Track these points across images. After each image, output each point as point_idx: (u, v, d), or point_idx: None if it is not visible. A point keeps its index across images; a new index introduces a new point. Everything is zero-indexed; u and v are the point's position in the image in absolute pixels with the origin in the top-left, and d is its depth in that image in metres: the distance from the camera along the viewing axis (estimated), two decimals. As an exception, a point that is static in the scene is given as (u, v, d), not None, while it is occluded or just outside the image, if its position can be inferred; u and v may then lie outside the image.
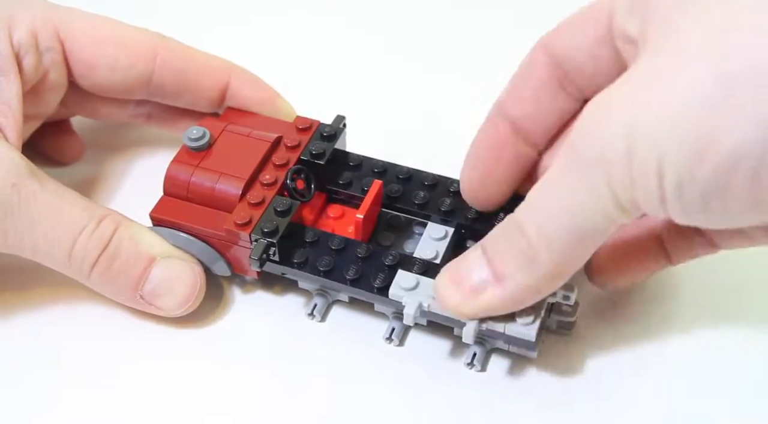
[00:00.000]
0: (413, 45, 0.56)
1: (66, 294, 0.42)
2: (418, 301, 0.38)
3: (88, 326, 0.42)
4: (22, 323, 0.42)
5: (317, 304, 0.42)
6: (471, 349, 0.40)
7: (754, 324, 0.41)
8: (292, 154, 0.43)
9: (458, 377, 0.40)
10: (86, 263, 0.39)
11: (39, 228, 0.38)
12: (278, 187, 0.41)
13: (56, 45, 0.43)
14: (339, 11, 0.58)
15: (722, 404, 0.38)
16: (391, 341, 0.41)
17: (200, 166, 0.42)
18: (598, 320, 0.41)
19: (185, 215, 0.41)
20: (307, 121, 0.44)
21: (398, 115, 0.51)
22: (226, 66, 0.45)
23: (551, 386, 0.39)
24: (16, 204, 0.38)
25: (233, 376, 0.40)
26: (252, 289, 0.43)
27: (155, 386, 0.40)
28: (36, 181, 0.39)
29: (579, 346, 0.40)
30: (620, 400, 0.39)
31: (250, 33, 0.56)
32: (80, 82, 0.44)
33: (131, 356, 0.41)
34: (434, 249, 0.41)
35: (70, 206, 0.39)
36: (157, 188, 0.42)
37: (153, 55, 0.44)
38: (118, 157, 0.49)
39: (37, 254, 0.39)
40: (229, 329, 0.42)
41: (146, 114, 0.48)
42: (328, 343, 0.41)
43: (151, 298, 0.40)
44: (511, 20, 0.57)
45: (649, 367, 0.40)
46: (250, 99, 0.45)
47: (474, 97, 0.52)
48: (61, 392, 0.40)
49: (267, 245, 0.39)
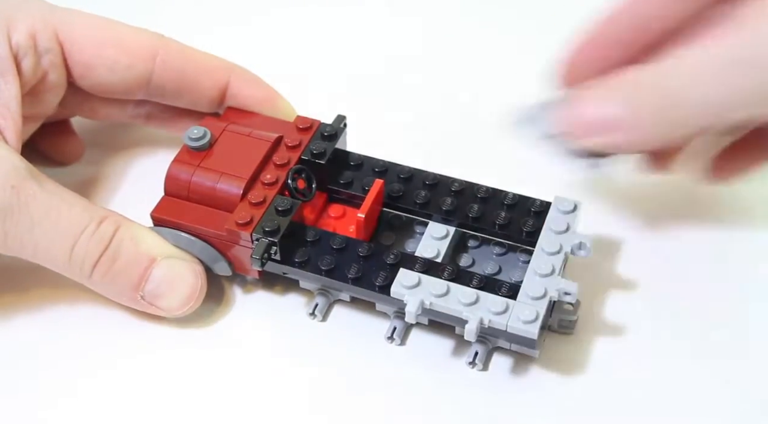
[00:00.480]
0: (413, 44, 0.56)
1: (66, 296, 0.42)
2: (420, 299, 0.38)
3: (88, 327, 0.42)
4: (21, 324, 0.42)
5: (318, 303, 0.42)
6: (473, 348, 0.40)
7: (758, 320, 0.41)
8: (292, 153, 0.43)
9: (460, 376, 0.40)
10: (87, 263, 0.39)
11: (39, 229, 0.38)
12: (279, 187, 0.41)
13: (55, 46, 0.43)
14: (339, 11, 0.58)
15: (725, 401, 0.38)
16: (392, 341, 0.41)
17: (201, 166, 0.42)
18: (598, 319, 0.41)
19: (186, 215, 0.41)
20: (307, 120, 0.44)
21: (399, 115, 0.51)
22: (226, 66, 0.45)
23: (553, 385, 0.39)
24: (16, 206, 0.38)
25: (235, 376, 0.40)
26: (253, 289, 0.43)
27: (156, 386, 0.40)
28: (35, 182, 0.39)
29: (580, 345, 0.40)
30: (622, 399, 0.39)
31: (250, 33, 0.56)
32: (79, 83, 0.44)
33: (132, 357, 0.41)
34: (435, 248, 0.41)
35: (70, 207, 0.39)
36: (156, 188, 0.42)
37: (152, 56, 0.44)
38: (117, 158, 0.49)
39: (37, 256, 0.39)
40: (230, 328, 0.42)
41: (146, 114, 0.47)
42: (330, 342, 0.41)
43: (152, 298, 0.40)
44: (511, 20, 0.57)
45: (651, 365, 0.40)
46: (250, 99, 0.45)
47: (475, 96, 0.52)
48: (62, 394, 0.40)
49: (268, 244, 0.39)
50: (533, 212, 0.41)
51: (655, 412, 0.38)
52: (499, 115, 0.42)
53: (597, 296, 0.42)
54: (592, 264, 0.42)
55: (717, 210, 0.46)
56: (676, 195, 0.46)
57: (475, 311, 0.37)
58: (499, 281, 0.39)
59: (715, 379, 0.39)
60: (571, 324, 0.40)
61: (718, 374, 0.39)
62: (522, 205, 0.42)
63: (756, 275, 0.43)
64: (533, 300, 0.38)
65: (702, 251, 0.44)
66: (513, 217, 0.41)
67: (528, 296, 0.38)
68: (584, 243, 0.40)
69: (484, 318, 0.37)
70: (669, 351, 0.40)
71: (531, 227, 0.41)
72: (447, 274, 0.39)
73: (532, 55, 0.54)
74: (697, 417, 0.38)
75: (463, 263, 0.42)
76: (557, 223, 0.40)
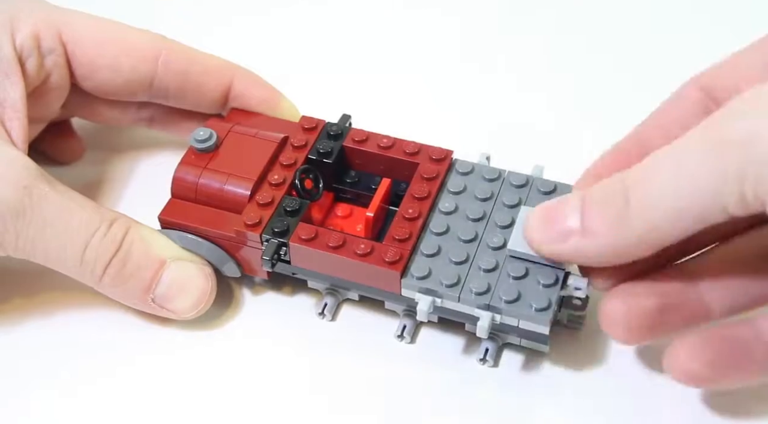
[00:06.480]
0: (413, 43, 0.56)
1: (75, 299, 0.42)
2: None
3: (97, 330, 0.41)
4: (32, 327, 0.41)
5: (327, 303, 0.42)
6: (483, 345, 0.40)
7: None
8: (299, 153, 0.43)
9: (471, 373, 0.40)
10: (98, 265, 0.39)
11: (50, 230, 0.38)
12: (287, 187, 0.41)
13: (58, 47, 0.42)
14: (339, 10, 0.58)
15: (734, 395, 0.39)
16: (402, 339, 0.41)
17: (208, 167, 0.42)
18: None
19: (194, 217, 0.41)
20: (313, 120, 0.44)
21: (402, 113, 0.51)
22: (229, 67, 0.45)
23: (564, 381, 0.39)
24: (28, 206, 0.38)
25: (246, 377, 0.40)
26: (262, 290, 0.43)
27: (167, 388, 0.40)
28: (47, 183, 0.38)
29: (590, 340, 0.41)
30: (633, 393, 0.39)
31: (252, 33, 0.56)
32: (82, 84, 0.44)
33: (141, 358, 0.41)
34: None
35: (81, 209, 0.39)
36: (160, 190, 0.42)
37: (155, 57, 0.44)
38: (120, 160, 0.49)
39: (48, 258, 0.39)
40: (240, 330, 0.42)
41: (148, 117, 0.47)
42: (340, 342, 0.41)
43: (163, 301, 0.40)
44: (512, 20, 0.58)
45: (660, 359, 0.40)
46: (254, 99, 0.45)
47: (476, 95, 0.52)
48: (73, 396, 0.39)
49: (278, 245, 0.39)
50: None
51: (667, 406, 0.39)
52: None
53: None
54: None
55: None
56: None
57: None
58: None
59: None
60: (580, 319, 0.41)
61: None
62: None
63: None
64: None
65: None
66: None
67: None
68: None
69: (495, 314, 0.37)
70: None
71: None
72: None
73: (532, 55, 0.55)
74: (708, 411, 0.38)
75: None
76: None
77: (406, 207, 0.40)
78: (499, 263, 0.38)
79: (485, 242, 0.39)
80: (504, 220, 0.40)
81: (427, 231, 0.40)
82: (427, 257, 0.39)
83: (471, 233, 0.39)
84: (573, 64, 0.54)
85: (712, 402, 0.39)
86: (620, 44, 0.55)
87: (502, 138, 0.49)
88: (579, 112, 0.51)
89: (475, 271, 0.38)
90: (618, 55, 0.54)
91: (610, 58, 0.54)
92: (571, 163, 0.42)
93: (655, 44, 0.54)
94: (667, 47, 0.54)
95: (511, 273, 0.38)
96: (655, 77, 0.52)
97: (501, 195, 0.41)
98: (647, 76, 0.52)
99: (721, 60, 0.38)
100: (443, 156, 0.42)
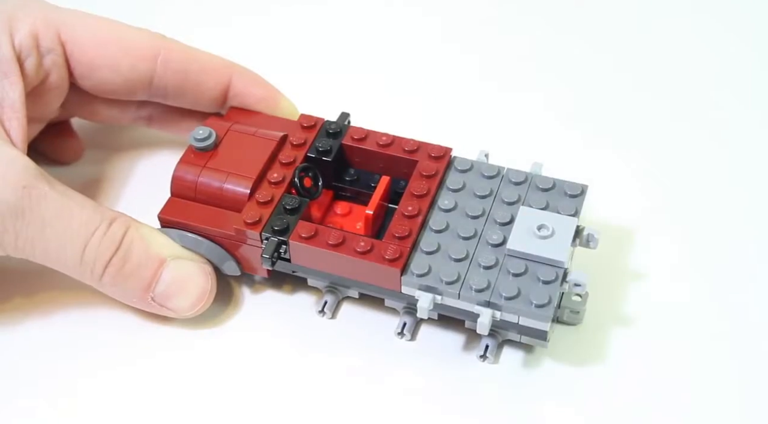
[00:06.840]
0: (413, 42, 0.56)
1: (74, 298, 0.42)
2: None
3: (97, 329, 0.41)
4: (32, 327, 0.41)
5: (327, 301, 0.42)
6: (483, 341, 0.40)
7: (761, 311, 0.42)
8: (298, 152, 0.43)
9: (471, 369, 0.40)
10: (98, 264, 0.39)
11: (50, 230, 0.38)
12: (286, 186, 0.41)
13: (57, 46, 0.42)
14: (338, 9, 0.58)
15: (736, 391, 0.39)
16: (403, 336, 0.41)
17: (207, 166, 0.42)
18: (606, 310, 0.42)
19: (194, 216, 0.41)
20: (311, 119, 0.44)
21: (401, 111, 0.51)
22: (228, 65, 0.45)
23: (564, 376, 0.40)
24: (28, 206, 0.38)
25: (246, 375, 0.40)
26: (261, 288, 0.43)
27: (168, 386, 0.40)
28: (46, 183, 0.38)
29: (589, 336, 0.41)
30: (633, 389, 0.39)
31: (251, 32, 0.56)
32: (81, 84, 0.44)
33: (141, 357, 0.41)
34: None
35: (80, 208, 0.39)
36: (159, 189, 0.42)
37: (154, 56, 0.44)
38: (119, 159, 0.49)
39: (48, 257, 0.39)
40: (240, 328, 0.42)
41: (147, 117, 0.47)
42: (340, 339, 0.41)
43: (163, 300, 0.40)
44: (512, 17, 0.58)
45: (660, 354, 0.40)
46: (253, 98, 0.45)
47: (475, 92, 0.53)
48: (73, 396, 0.39)
49: (278, 243, 0.39)
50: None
51: (667, 401, 0.39)
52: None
53: (604, 288, 0.42)
54: (599, 253, 0.42)
55: (727, 201, 0.46)
56: (686, 184, 0.47)
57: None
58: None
59: (726, 368, 0.40)
60: (579, 315, 0.41)
61: (729, 363, 0.40)
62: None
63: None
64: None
65: (712, 241, 0.44)
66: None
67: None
68: (592, 234, 0.40)
69: (496, 311, 0.37)
70: (679, 340, 0.41)
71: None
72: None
73: (531, 53, 0.55)
74: (710, 406, 0.38)
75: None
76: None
77: (406, 205, 0.40)
78: (498, 260, 0.38)
79: (485, 239, 0.39)
80: (503, 217, 0.40)
81: (427, 228, 0.40)
82: (427, 254, 0.39)
83: (470, 230, 0.39)
84: (571, 63, 0.54)
85: (712, 399, 0.39)
86: (619, 42, 0.55)
87: (501, 135, 0.49)
88: (577, 110, 0.51)
89: (475, 268, 0.38)
90: (617, 52, 0.54)
91: (609, 56, 0.54)
92: (570, 160, 0.43)
93: (654, 44, 0.55)
94: (667, 47, 0.54)
95: (510, 270, 0.38)
96: (654, 76, 0.52)
97: (500, 192, 0.41)
98: (645, 74, 0.53)
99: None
100: (442, 153, 0.42)
